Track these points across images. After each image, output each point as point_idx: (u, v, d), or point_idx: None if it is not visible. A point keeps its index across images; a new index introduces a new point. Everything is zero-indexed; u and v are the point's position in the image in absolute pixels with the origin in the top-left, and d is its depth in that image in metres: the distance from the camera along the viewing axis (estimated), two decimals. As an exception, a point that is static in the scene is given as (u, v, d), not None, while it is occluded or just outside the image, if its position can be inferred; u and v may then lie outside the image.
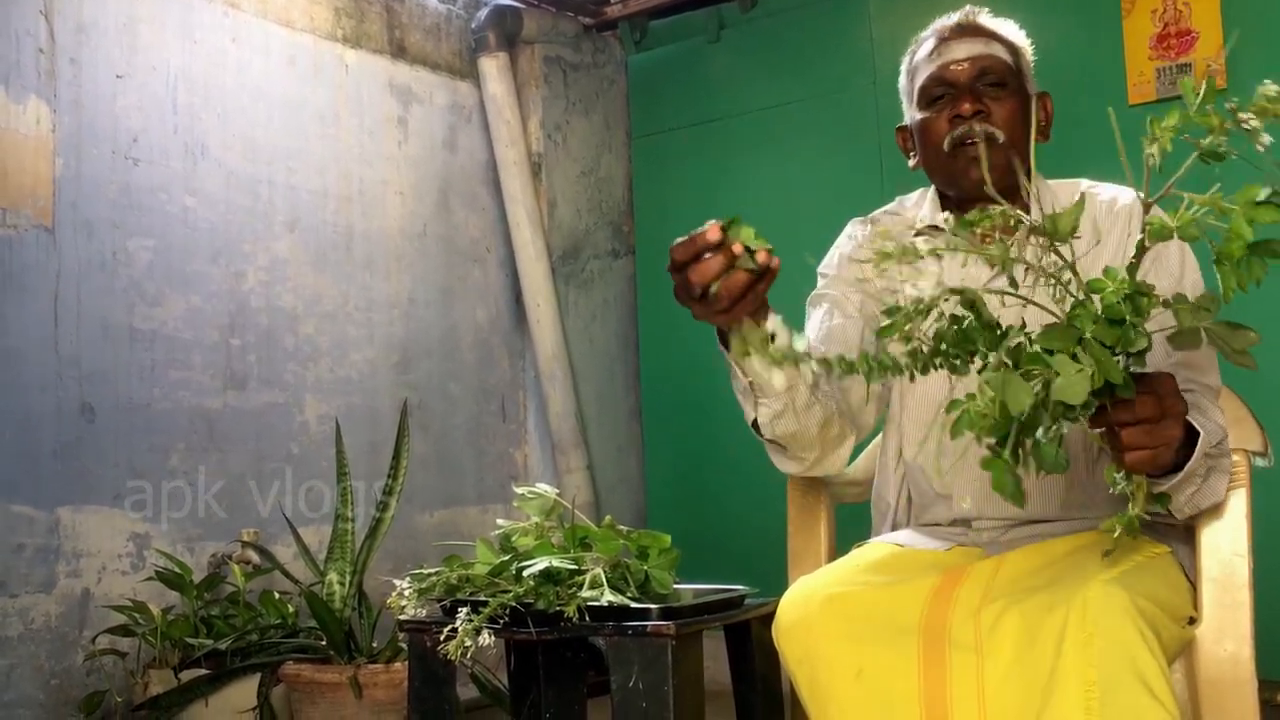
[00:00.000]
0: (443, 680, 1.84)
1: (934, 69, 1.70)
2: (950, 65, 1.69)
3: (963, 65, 1.68)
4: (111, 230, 3.05)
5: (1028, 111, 1.69)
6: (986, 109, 1.65)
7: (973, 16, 1.74)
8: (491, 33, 4.04)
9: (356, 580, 2.93)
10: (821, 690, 1.40)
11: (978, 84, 1.67)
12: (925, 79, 1.71)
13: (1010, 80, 1.68)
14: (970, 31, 1.71)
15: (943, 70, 1.69)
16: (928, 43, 1.75)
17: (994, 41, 1.71)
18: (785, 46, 4.09)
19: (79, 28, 3.03)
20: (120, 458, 3.02)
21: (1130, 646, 1.24)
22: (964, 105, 1.65)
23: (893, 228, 1.78)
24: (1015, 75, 1.70)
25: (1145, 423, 1.20)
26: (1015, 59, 1.71)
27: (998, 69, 1.68)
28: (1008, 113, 1.65)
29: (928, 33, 1.77)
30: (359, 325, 3.64)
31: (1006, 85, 1.67)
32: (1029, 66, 1.75)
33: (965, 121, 1.64)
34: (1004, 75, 1.68)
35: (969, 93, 1.66)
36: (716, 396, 4.22)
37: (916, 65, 1.75)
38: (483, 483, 3.97)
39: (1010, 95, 1.67)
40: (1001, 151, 1.62)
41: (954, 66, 1.68)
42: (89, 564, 2.93)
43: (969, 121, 1.64)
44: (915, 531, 1.71)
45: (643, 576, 1.77)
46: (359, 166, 3.70)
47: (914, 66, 1.76)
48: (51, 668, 2.85)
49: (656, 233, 4.40)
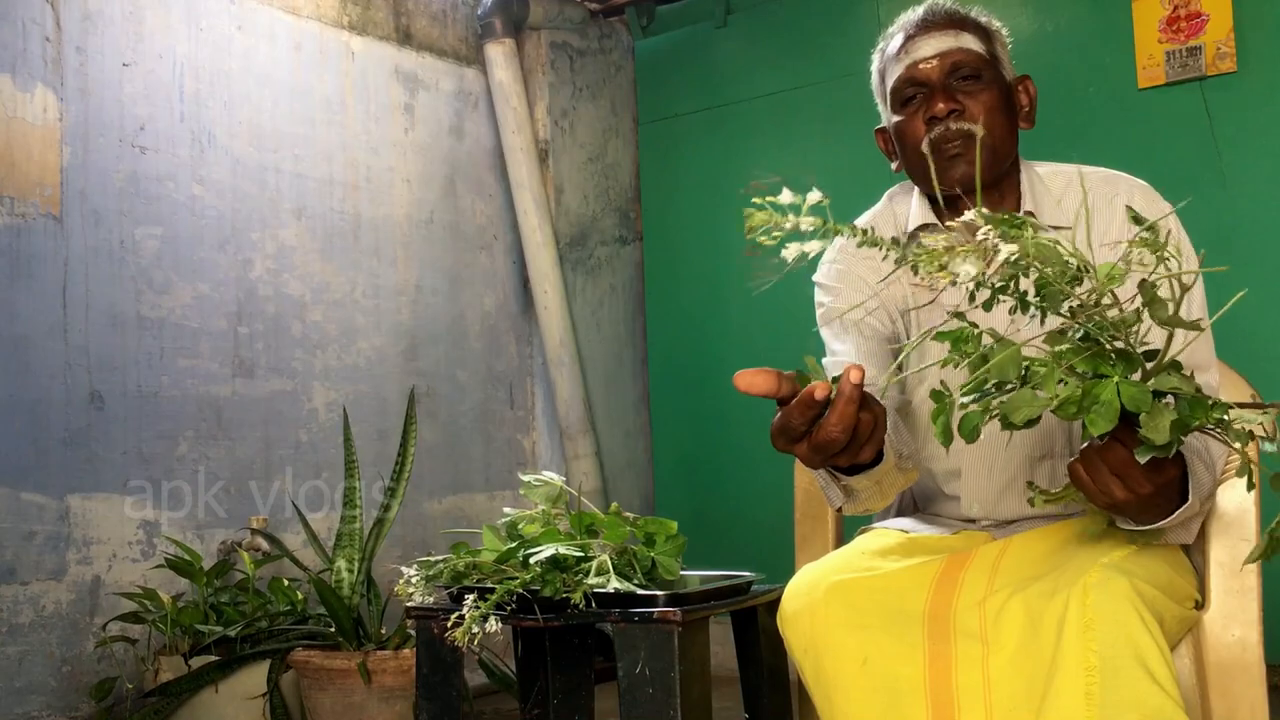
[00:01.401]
0: (450, 666, 1.84)
1: (903, 69, 1.62)
2: (919, 64, 1.60)
3: (932, 63, 1.59)
4: (119, 219, 3.06)
5: (1008, 99, 1.62)
6: (961, 105, 1.57)
7: (939, 7, 1.65)
8: (498, 19, 4.03)
9: (365, 567, 2.94)
10: (827, 678, 1.40)
11: (950, 80, 1.59)
12: (895, 80, 1.63)
13: (984, 71, 1.60)
14: (938, 24, 1.62)
15: (912, 70, 1.61)
16: (895, 39, 1.66)
17: (963, 32, 1.61)
18: (792, 31, 4.08)
19: (85, 16, 3.03)
20: (129, 445, 3.03)
21: (1131, 631, 1.24)
22: (938, 105, 1.57)
23: (880, 231, 1.73)
24: (989, 64, 1.61)
25: (1124, 475, 1.19)
26: (988, 45, 1.62)
27: (969, 61, 1.59)
28: (984, 105, 1.58)
29: (895, 28, 1.68)
30: (366, 313, 3.65)
31: (980, 77, 1.59)
32: (1005, 51, 1.66)
33: (941, 122, 1.57)
34: (977, 67, 1.59)
35: (941, 91, 1.58)
36: (723, 383, 4.22)
37: (886, 64, 1.67)
38: (490, 469, 3.98)
39: (986, 87, 1.59)
40: (981, 149, 1.55)
41: (923, 65, 1.60)
42: (99, 551, 2.95)
43: (944, 122, 1.57)
44: (920, 519, 1.70)
45: (649, 563, 1.77)
46: (366, 154, 3.70)
47: (883, 66, 1.68)
48: (63, 654, 2.87)
49: (664, 219, 4.40)
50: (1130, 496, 1.20)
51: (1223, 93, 3.26)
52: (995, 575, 1.41)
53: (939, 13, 1.64)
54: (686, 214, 4.31)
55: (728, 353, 4.13)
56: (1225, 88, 3.26)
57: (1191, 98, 3.29)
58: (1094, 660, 1.24)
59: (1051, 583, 1.32)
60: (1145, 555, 1.41)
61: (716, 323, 4.20)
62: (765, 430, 1.62)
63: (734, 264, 4.17)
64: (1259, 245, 3.19)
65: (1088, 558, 1.36)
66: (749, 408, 1.64)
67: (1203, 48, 3.28)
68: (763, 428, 1.63)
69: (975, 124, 1.57)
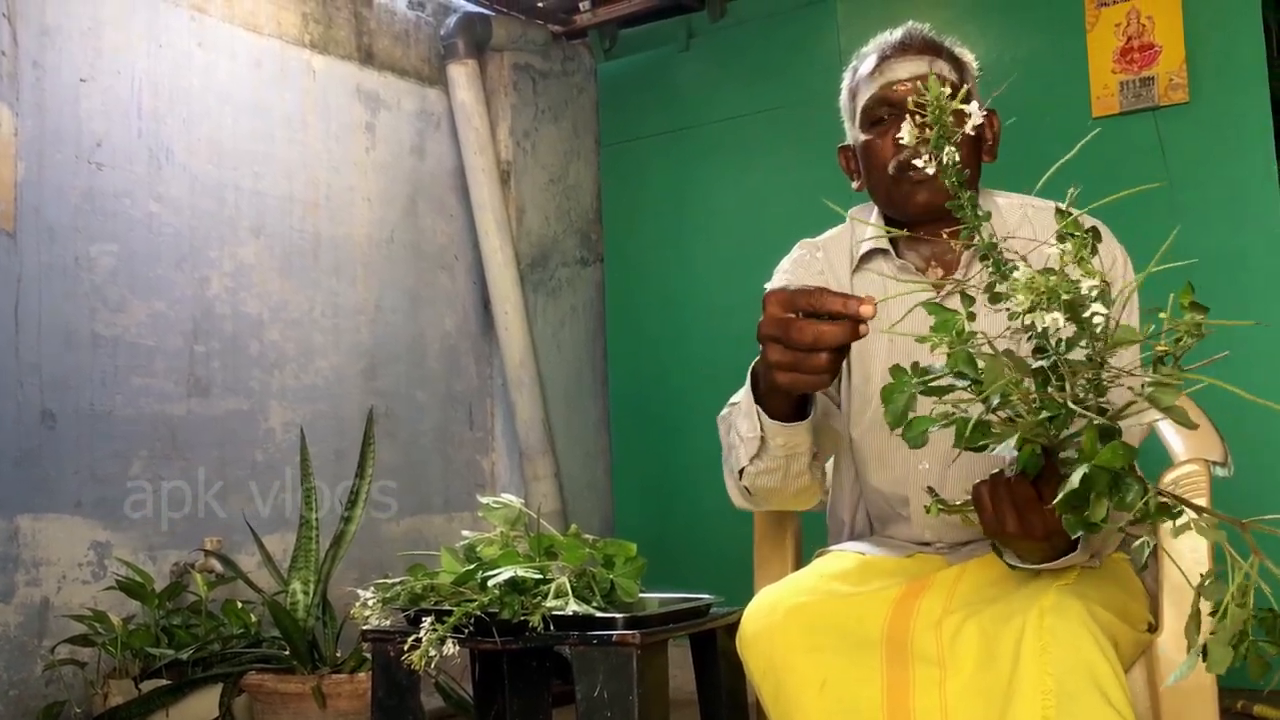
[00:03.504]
0: (407, 690, 1.82)
1: (876, 89, 1.63)
2: (894, 85, 1.61)
3: (906, 85, 1.60)
4: (74, 235, 3.02)
5: (976, 130, 1.66)
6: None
7: (916, 32, 1.67)
8: (460, 40, 4.04)
9: (320, 589, 2.91)
10: (786, 701, 1.40)
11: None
12: (868, 99, 1.64)
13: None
14: (914, 49, 1.64)
15: (886, 91, 1.62)
16: (869, 59, 1.68)
17: (938, 59, 1.64)
18: (754, 55, 4.11)
19: (42, 31, 3.00)
20: (81, 465, 2.98)
21: (1086, 655, 1.25)
22: None
23: (831, 250, 1.75)
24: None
25: (1023, 512, 1.21)
26: (960, 75, 1.65)
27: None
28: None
29: (869, 48, 1.70)
30: (325, 332, 3.62)
31: None
32: (975, 85, 1.68)
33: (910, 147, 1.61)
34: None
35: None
36: (684, 405, 4.26)
37: (858, 84, 1.69)
38: (449, 490, 3.96)
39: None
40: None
41: (898, 87, 1.61)
42: (49, 573, 2.90)
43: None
44: (875, 542, 1.71)
45: (608, 585, 1.77)
46: (326, 172, 3.68)
47: (855, 85, 1.70)
48: (10, 678, 2.81)
49: (625, 241, 4.41)
50: (1019, 533, 1.22)
51: (1175, 122, 3.32)
52: (952, 599, 1.42)
53: (916, 37, 1.66)
54: (648, 236, 4.32)
55: (688, 375, 4.14)
56: (1178, 117, 3.32)
57: (1145, 127, 3.35)
58: (1050, 684, 1.24)
59: (1007, 606, 1.33)
60: (1100, 579, 1.42)
61: (677, 345, 4.21)
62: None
63: (695, 286, 4.18)
64: (1211, 275, 3.24)
65: (1043, 582, 1.37)
66: (709, 430, 1.64)
67: (1155, 78, 3.34)
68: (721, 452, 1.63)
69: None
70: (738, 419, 1.49)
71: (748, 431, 1.45)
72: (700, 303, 4.15)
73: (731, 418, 1.54)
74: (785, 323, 1.20)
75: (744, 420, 1.46)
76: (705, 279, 4.15)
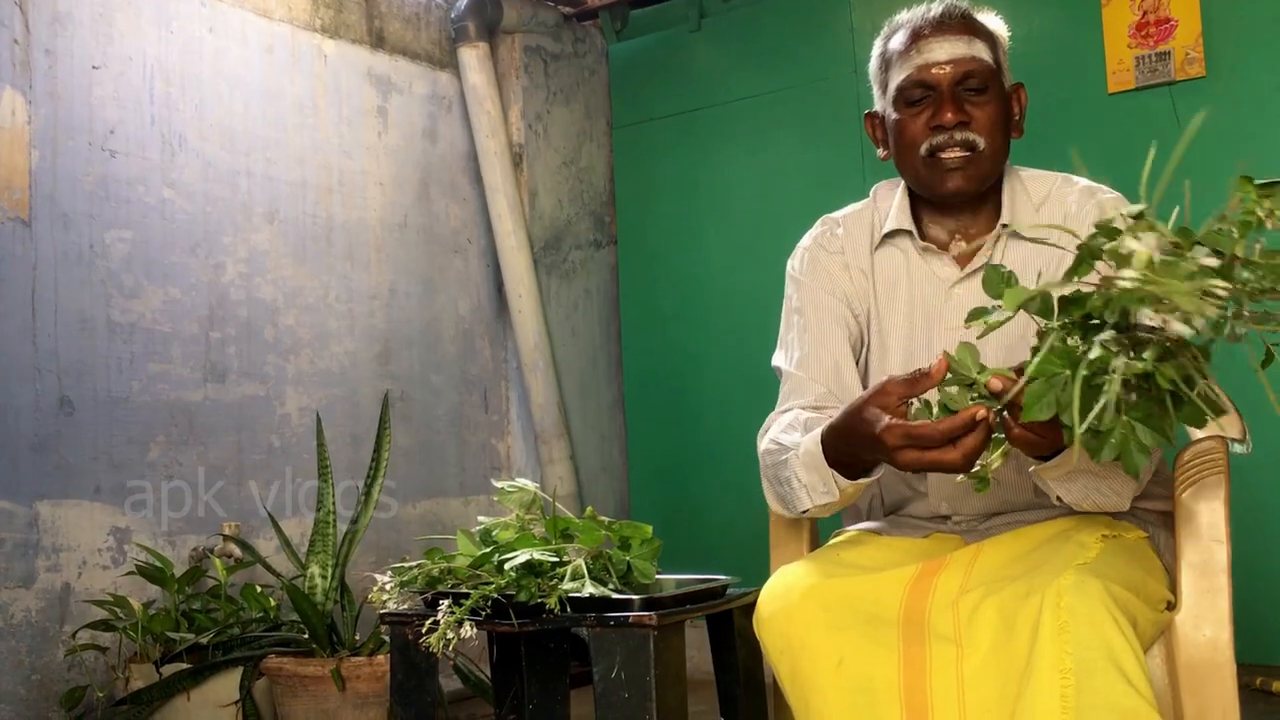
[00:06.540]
0: (425, 672, 1.83)
1: (913, 70, 1.61)
2: (931, 68, 1.60)
3: (944, 69, 1.59)
4: (88, 222, 3.03)
5: (1007, 110, 1.64)
6: (968, 117, 1.58)
7: (954, 9, 1.64)
8: (471, 22, 4.02)
9: (338, 573, 2.92)
10: (803, 680, 1.40)
11: (959, 89, 1.59)
12: (904, 79, 1.62)
13: (991, 83, 1.61)
14: (953, 28, 1.61)
15: (923, 72, 1.60)
16: (904, 33, 1.65)
17: (975, 39, 1.62)
18: (766, 36, 4.09)
19: (54, 18, 3.00)
20: (99, 451, 3.00)
21: (1104, 633, 1.25)
22: (946, 115, 1.58)
23: (852, 227, 1.75)
24: (996, 75, 1.62)
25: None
26: (995, 54, 1.63)
27: (980, 71, 1.60)
28: (989, 118, 1.59)
29: (905, 18, 1.67)
30: (340, 317, 3.63)
31: (988, 89, 1.60)
32: (1006, 58, 1.67)
33: (946, 131, 1.58)
34: (985, 78, 1.60)
35: (951, 100, 1.59)
36: (698, 386, 4.25)
37: (892, 57, 1.66)
38: (465, 474, 3.97)
39: (991, 100, 1.60)
40: (980, 162, 1.59)
41: (935, 70, 1.59)
42: (69, 558, 2.92)
43: (950, 131, 1.58)
44: (891, 521, 1.71)
45: (625, 567, 1.77)
46: (338, 157, 3.68)
47: (889, 57, 1.67)
48: (32, 663, 2.83)
49: (638, 223, 4.40)
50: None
51: (1191, 97, 3.29)
52: (969, 577, 1.41)
53: (955, 14, 1.64)
54: (661, 218, 4.31)
55: (702, 356, 4.14)
56: (1194, 92, 3.29)
57: (1161, 102, 3.32)
58: (1069, 662, 1.24)
59: (1025, 585, 1.33)
60: (1118, 558, 1.42)
61: (691, 326, 4.20)
62: (740, 433, 1.63)
63: (708, 267, 4.17)
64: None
65: (1061, 560, 1.37)
66: (724, 411, 1.64)
67: (1171, 53, 3.31)
68: (738, 431, 1.63)
69: (980, 136, 1.59)
70: (797, 468, 1.49)
71: (818, 486, 1.47)
72: (714, 283, 4.15)
73: (788, 461, 1.51)
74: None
75: (808, 473, 1.47)
76: (718, 259, 4.14)
